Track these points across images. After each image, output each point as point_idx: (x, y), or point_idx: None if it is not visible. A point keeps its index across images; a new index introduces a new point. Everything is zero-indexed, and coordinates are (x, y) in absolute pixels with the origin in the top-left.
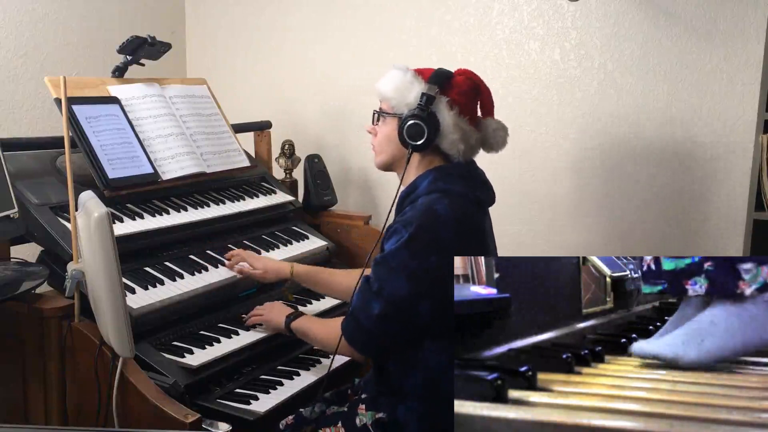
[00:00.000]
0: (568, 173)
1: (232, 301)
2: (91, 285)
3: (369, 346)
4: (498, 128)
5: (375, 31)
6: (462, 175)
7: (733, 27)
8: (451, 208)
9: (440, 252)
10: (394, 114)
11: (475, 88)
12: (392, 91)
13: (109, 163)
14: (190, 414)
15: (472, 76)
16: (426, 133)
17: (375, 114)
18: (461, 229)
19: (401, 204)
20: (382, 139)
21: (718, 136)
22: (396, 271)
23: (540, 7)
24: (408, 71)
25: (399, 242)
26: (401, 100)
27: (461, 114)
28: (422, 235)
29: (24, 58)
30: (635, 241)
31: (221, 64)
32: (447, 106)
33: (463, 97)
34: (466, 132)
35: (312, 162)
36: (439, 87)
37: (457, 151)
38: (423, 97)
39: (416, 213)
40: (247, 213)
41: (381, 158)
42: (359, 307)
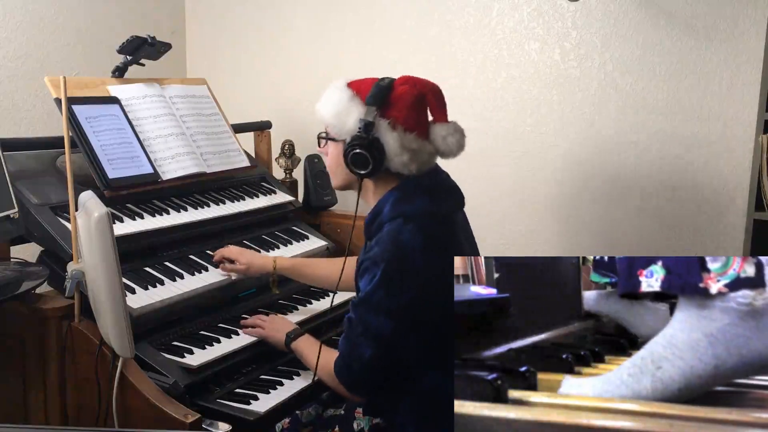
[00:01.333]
0: (567, 173)
1: (232, 301)
2: (91, 285)
3: (360, 387)
4: (447, 134)
5: (375, 31)
6: (423, 189)
7: (733, 27)
8: (416, 234)
9: (414, 283)
10: (337, 139)
11: (420, 99)
12: (332, 117)
13: (109, 163)
14: (190, 414)
15: (415, 83)
16: (371, 161)
17: (319, 137)
18: (429, 254)
19: (368, 230)
20: (331, 163)
21: (718, 136)
22: (376, 311)
23: (540, 7)
24: (345, 91)
25: (373, 282)
26: (342, 127)
27: (407, 131)
28: (394, 272)
29: (24, 58)
30: (635, 242)
31: (221, 64)
32: (389, 128)
33: (406, 112)
34: (415, 149)
35: (312, 162)
36: (378, 107)
37: (409, 170)
38: (361, 123)
39: (383, 247)
40: (247, 213)
41: (335, 182)
42: (346, 351)
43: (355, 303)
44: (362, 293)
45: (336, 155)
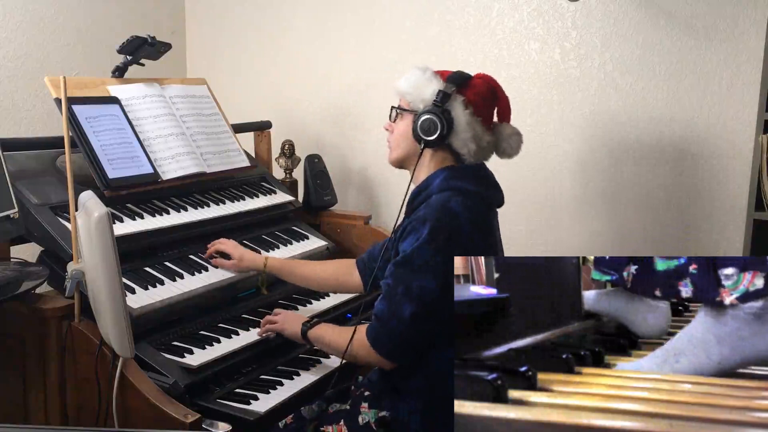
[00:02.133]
0: (568, 173)
1: (232, 301)
2: (91, 285)
3: (398, 351)
4: (512, 134)
5: (375, 31)
6: (473, 175)
7: (733, 27)
8: (464, 206)
9: (460, 247)
10: (410, 110)
11: (493, 93)
12: (410, 87)
13: (109, 163)
14: (190, 414)
15: (491, 81)
16: (439, 128)
17: (392, 110)
18: (475, 227)
19: (412, 202)
20: (397, 135)
21: (718, 136)
22: (422, 270)
23: (540, 7)
24: (427, 70)
25: (419, 240)
26: (417, 96)
27: (476, 114)
28: (442, 231)
29: (24, 58)
30: (635, 242)
31: (221, 64)
32: (462, 105)
33: (479, 98)
34: (479, 133)
35: (312, 162)
36: (456, 86)
37: (468, 150)
38: (439, 94)
39: (431, 210)
40: (247, 213)
41: (395, 154)
42: (386, 312)
43: (397, 262)
44: (405, 252)
45: (404, 127)
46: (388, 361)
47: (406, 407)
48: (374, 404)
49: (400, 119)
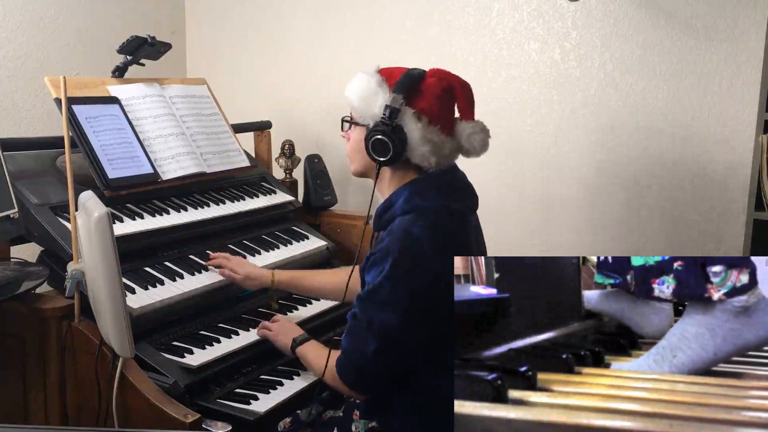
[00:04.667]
0: (567, 173)
1: (232, 301)
2: (91, 285)
3: (363, 385)
4: (473, 132)
5: (375, 31)
6: (439, 186)
7: (733, 27)
8: (428, 229)
9: (423, 279)
10: (361, 123)
11: (449, 93)
12: (357, 100)
13: (109, 163)
14: (190, 414)
15: (446, 76)
16: (392, 148)
17: (343, 121)
18: (441, 250)
19: (378, 221)
20: (353, 148)
21: (718, 136)
22: (384, 305)
23: (540, 7)
24: (374, 76)
25: (381, 275)
26: (366, 111)
27: (431, 123)
28: (403, 264)
29: (24, 58)
30: (635, 241)
31: (221, 64)
32: (414, 118)
33: (433, 105)
34: (437, 143)
35: (312, 162)
36: (406, 96)
37: (428, 163)
38: (386, 110)
39: (393, 239)
40: (247, 213)
41: (354, 167)
42: (351, 347)
43: (361, 297)
44: (369, 286)
45: (357, 140)
46: (356, 393)
47: (397, 422)
48: (366, 414)
49: (354, 130)
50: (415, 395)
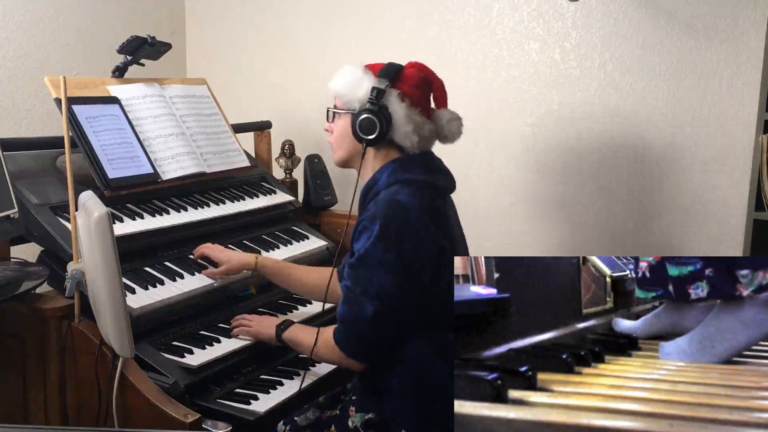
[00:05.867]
0: (568, 173)
1: (232, 301)
2: (91, 285)
3: (364, 352)
4: (452, 119)
5: (375, 31)
6: (420, 164)
7: (733, 27)
8: (413, 196)
9: (411, 239)
10: (347, 110)
11: (426, 81)
12: (343, 87)
13: (109, 163)
14: (190, 414)
15: (423, 68)
16: (378, 126)
17: (329, 111)
18: (426, 216)
19: (363, 200)
20: (338, 136)
21: (719, 136)
22: (375, 268)
23: (540, 7)
24: (358, 67)
25: (370, 239)
26: (352, 96)
27: (413, 106)
28: (391, 226)
29: (24, 58)
30: (636, 241)
31: (221, 64)
32: (398, 99)
33: (414, 89)
34: (419, 123)
35: (312, 162)
36: (389, 80)
37: (410, 142)
38: (374, 91)
39: (380, 206)
40: (247, 213)
41: (338, 155)
42: (348, 314)
43: (351, 263)
44: (360, 252)
45: (343, 127)
46: (356, 362)
47: (389, 407)
48: (361, 408)
49: (338, 119)
50: (409, 380)
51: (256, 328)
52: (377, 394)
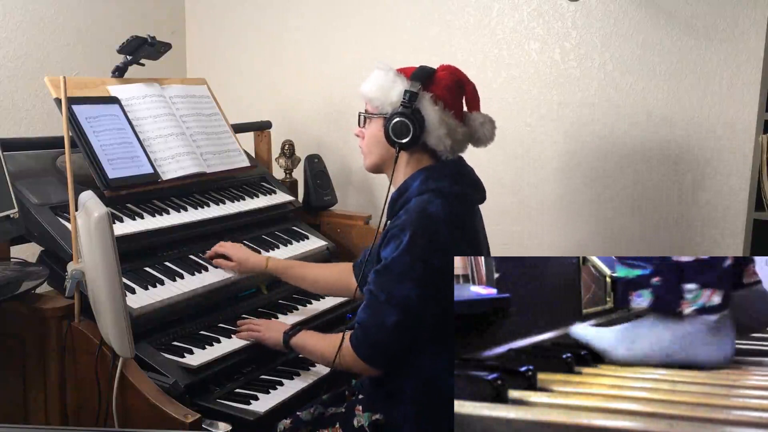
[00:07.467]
0: (568, 173)
1: (232, 301)
2: (91, 285)
3: (381, 358)
4: (485, 122)
5: (375, 31)
6: (452, 173)
7: (733, 27)
8: (443, 208)
9: (439, 252)
10: (379, 114)
11: (459, 83)
12: (375, 91)
13: (109, 163)
14: (190, 414)
15: (455, 71)
16: (412, 130)
17: (360, 116)
18: (455, 228)
19: (393, 206)
20: (370, 141)
21: (718, 136)
22: (402, 277)
23: (540, 7)
24: (390, 70)
25: (399, 249)
26: (385, 100)
27: (446, 109)
28: (420, 238)
29: (24, 58)
30: (636, 241)
31: (221, 64)
32: (431, 102)
33: (446, 92)
34: (452, 127)
35: (312, 162)
36: (422, 83)
37: (444, 146)
38: (406, 95)
39: (410, 216)
40: (247, 213)
41: (370, 160)
42: (369, 320)
43: (378, 270)
44: (387, 260)
45: (375, 131)
46: (372, 368)
47: (399, 413)
48: (368, 408)
49: (369, 124)
50: (422, 388)
51: (264, 333)
52: (389, 398)
